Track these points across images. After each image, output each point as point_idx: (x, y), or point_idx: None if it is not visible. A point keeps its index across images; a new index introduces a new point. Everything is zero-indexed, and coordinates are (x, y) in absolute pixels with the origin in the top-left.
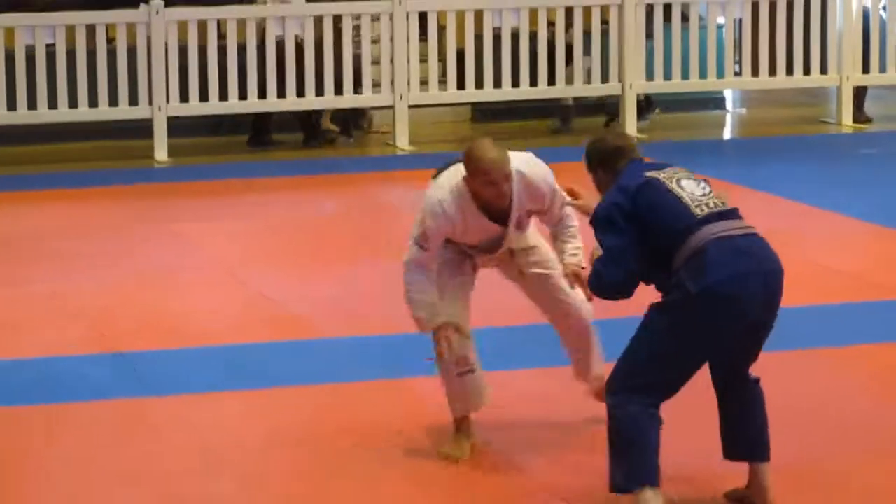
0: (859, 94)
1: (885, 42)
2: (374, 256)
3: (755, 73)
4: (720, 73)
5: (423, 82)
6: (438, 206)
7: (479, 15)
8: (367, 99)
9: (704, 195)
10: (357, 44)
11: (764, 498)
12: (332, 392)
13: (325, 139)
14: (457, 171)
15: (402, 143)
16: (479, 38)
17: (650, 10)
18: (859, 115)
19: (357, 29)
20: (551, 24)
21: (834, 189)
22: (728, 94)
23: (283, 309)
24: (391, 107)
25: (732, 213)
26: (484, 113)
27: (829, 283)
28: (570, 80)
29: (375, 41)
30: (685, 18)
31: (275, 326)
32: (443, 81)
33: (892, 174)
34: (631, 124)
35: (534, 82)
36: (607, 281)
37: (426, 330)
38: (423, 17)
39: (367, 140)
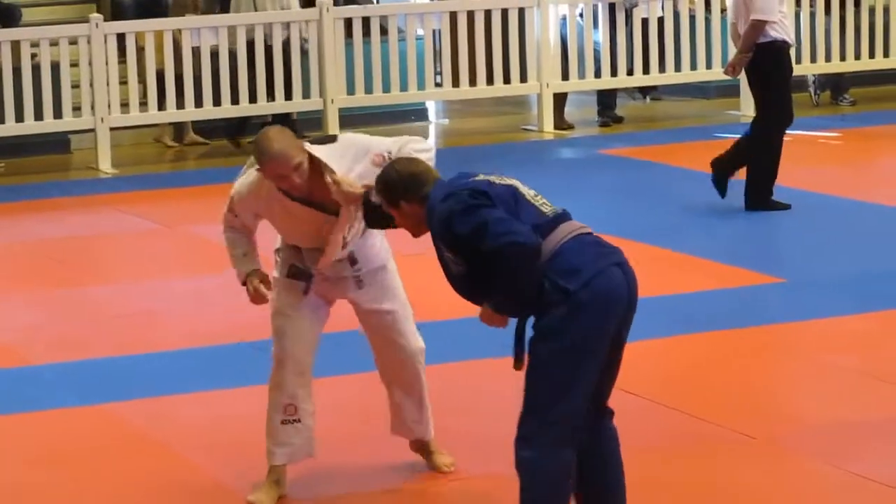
0: (559, 100)
1: (582, 49)
2: (76, 283)
3: (456, 83)
4: (421, 85)
5: (124, 104)
6: (243, 185)
7: (177, 34)
8: (67, 123)
9: (536, 195)
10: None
11: None
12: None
13: None
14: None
15: (105, 166)
16: (178, 58)
17: (349, 23)
18: (561, 122)
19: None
20: (251, 41)
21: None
22: (430, 106)
23: None
24: (92, 130)
25: (563, 215)
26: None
27: None
28: (272, 95)
29: (74, 64)
30: (384, 31)
31: None
32: (143, 102)
33: (594, 179)
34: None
35: (235, 101)
36: (522, 244)
37: (241, 281)
38: (121, 38)
39: (68, 164)
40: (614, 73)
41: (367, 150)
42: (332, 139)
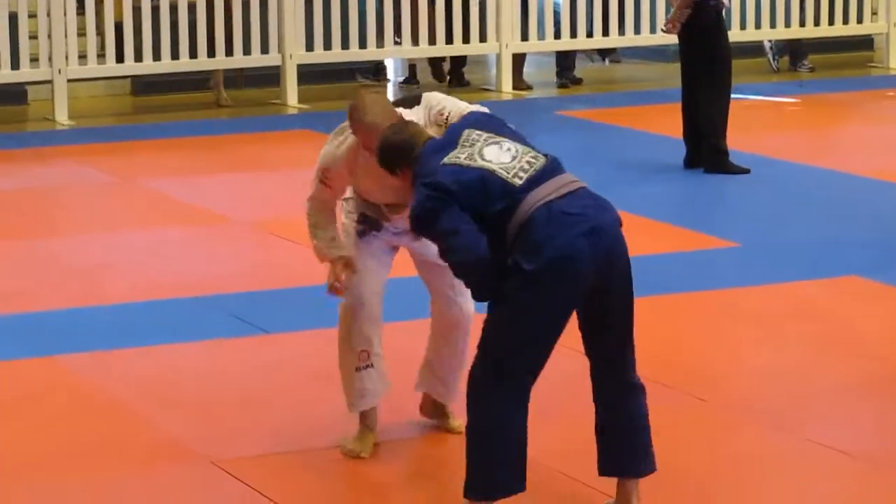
0: (518, 61)
1: (542, 9)
2: (30, 235)
3: (415, 41)
4: (380, 43)
5: (82, 56)
6: (338, 151)
7: None
8: (24, 74)
9: (514, 158)
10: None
11: None
12: None
13: None
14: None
15: (62, 118)
16: (137, 11)
17: None
18: (519, 83)
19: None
20: None
21: None
22: (389, 64)
23: None
24: (49, 81)
25: (551, 170)
26: (144, 86)
27: None
28: (230, 51)
29: (32, 15)
30: None
31: None
32: (101, 55)
33: (551, 140)
34: (292, 96)
35: (193, 54)
36: (463, 262)
37: (324, 261)
38: None
39: (24, 115)
40: (574, 34)
41: (439, 108)
42: (418, 100)
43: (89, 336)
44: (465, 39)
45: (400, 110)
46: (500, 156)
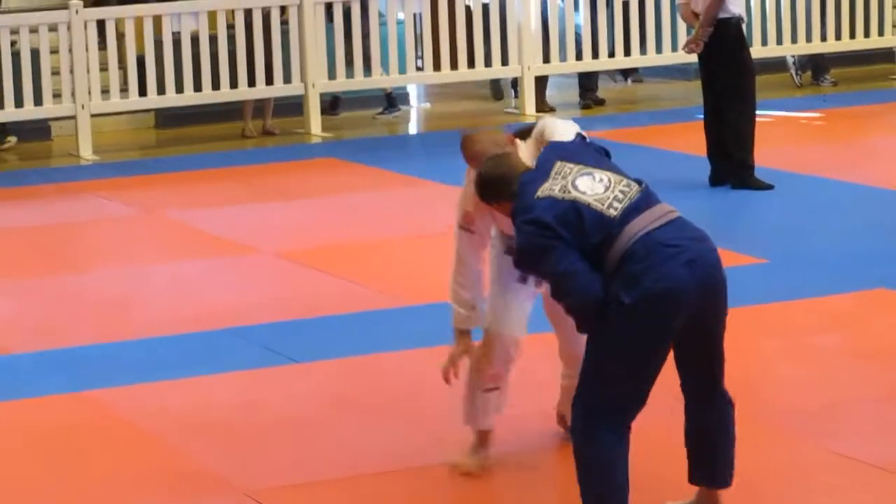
0: (541, 83)
1: (563, 31)
2: (57, 270)
3: (437, 66)
4: (402, 69)
5: (105, 91)
6: (465, 184)
7: (157, 20)
8: (47, 110)
9: (608, 189)
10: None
11: None
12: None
13: None
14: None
15: (86, 153)
16: (158, 44)
17: (329, 7)
18: (542, 105)
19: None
20: (231, 26)
21: None
22: (412, 90)
23: None
24: (73, 117)
25: (645, 200)
26: (168, 119)
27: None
28: (252, 82)
29: (54, 51)
30: (365, 15)
31: None
32: (124, 89)
33: None
34: (315, 125)
35: (216, 86)
36: (581, 306)
37: (456, 326)
38: (101, 24)
39: (49, 151)
40: (595, 55)
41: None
42: (531, 130)
43: (119, 370)
44: (487, 63)
45: (518, 142)
46: (593, 186)
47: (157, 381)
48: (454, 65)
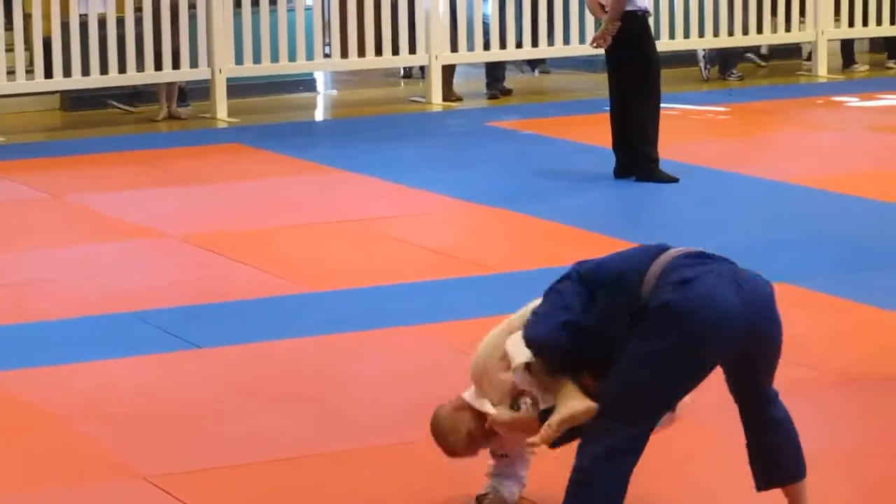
0: (448, 72)
1: (471, 21)
2: None
3: (345, 54)
4: (310, 55)
5: (11, 72)
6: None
7: (64, 2)
8: None
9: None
10: None
11: None
12: None
13: None
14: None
15: None
16: (65, 26)
17: None
18: (449, 94)
19: None
20: (138, 9)
21: (424, 167)
22: (319, 76)
23: None
24: None
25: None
26: (73, 101)
27: (424, 260)
28: (159, 66)
29: None
30: (273, 1)
31: None
32: (30, 70)
33: (481, 151)
34: (222, 110)
35: (122, 69)
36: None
37: None
38: (7, 4)
39: None
40: (503, 45)
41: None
42: None
43: (20, 353)
44: (395, 51)
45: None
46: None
47: (60, 365)
48: (361, 52)
